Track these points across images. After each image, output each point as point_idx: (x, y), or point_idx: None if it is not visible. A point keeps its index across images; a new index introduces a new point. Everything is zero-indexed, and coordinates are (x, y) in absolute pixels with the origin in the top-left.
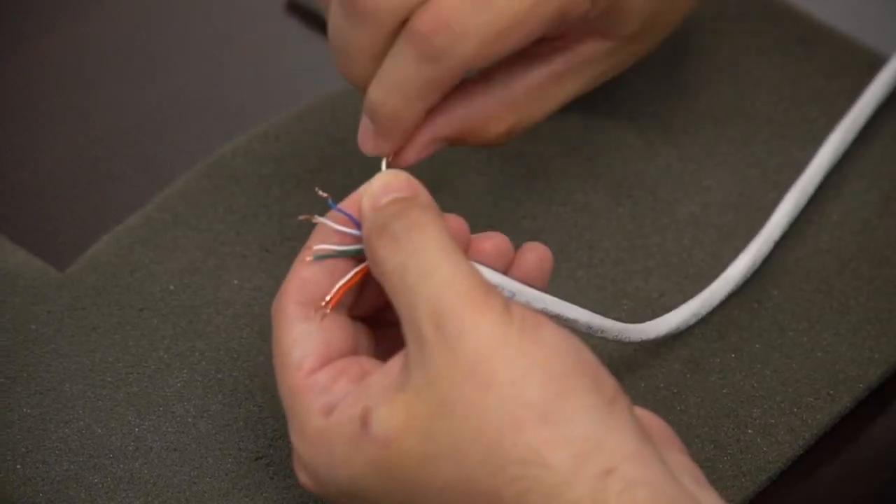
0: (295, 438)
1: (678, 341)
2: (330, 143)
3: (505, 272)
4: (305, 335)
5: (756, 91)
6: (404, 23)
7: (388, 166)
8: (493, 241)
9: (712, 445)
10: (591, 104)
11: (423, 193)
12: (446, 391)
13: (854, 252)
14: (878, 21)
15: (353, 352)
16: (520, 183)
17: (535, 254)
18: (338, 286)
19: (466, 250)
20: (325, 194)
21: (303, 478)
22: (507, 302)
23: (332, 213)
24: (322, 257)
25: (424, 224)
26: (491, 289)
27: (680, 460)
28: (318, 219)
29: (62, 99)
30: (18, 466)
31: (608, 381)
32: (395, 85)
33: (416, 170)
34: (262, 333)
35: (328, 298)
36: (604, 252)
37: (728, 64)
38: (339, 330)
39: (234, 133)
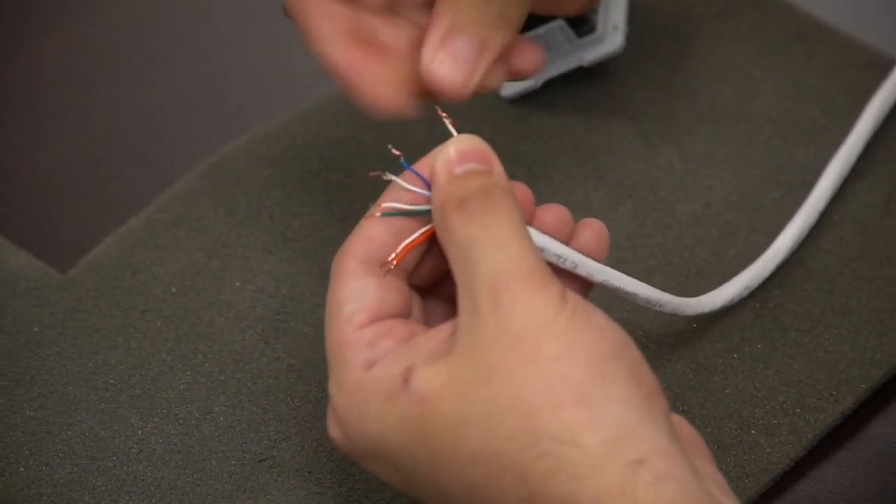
0: (333, 389)
1: (680, 342)
2: (331, 144)
3: (566, 242)
4: (360, 291)
5: (757, 90)
6: None
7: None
8: (554, 212)
9: (716, 446)
10: (591, 104)
11: (498, 167)
12: (489, 359)
13: (855, 252)
14: (879, 20)
15: (405, 315)
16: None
17: (593, 230)
18: (404, 244)
19: (531, 218)
20: (397, 152)
21: (334, 430)
22: (565, 290)
23: (405, 172)
24: (389, 214)
25: (501, 205)
26: (551, 275)
27: (707, 468)
28: (390, 176)
29: (62, 99)
30: (22, 469)
31: (649, 377)
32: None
33: None
34: (264, 335)
35: (393, 256)
36: None
37: (729, 63)
38: (395, 292)
39: (235, 133)
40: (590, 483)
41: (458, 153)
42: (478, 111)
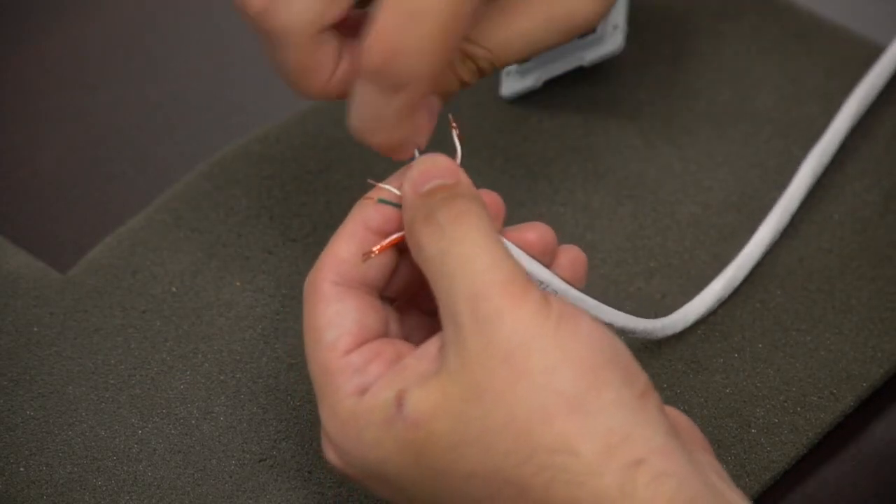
0: (325, 417)
1: (681, 342)
2: (331, 144)
3: (549, 265)
4: (341, 315)
5: (756, 90)
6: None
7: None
8: (539, 232)
9: (716, 445)
10: (591, 104)
11: (464, 179)
12: (479, 377)
13: (856, 251)
14: (879, 18)
15: (385, 334)
16: (521, 183)
17: (570, 257)
18: (387, 240)
19: (501, 223)
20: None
21: (331, 457)
22: (546, 294)
23: (377, 189)
24: (383, 200)
25: (469, 214)
26: (530, 280)
27: (706, 459)
28: (380, 184)
29: (62, 99)
30: (22, 469)
31: (640, 376)
32: (375, 121)
33: None
34: (264, 335)
35: (376, 249)
36: (605, 253)
37: (728, 63)
38: (372, 311)
39: (235, 134)
40: (589, 488)
41: (422, 173)
42: (478, 111)
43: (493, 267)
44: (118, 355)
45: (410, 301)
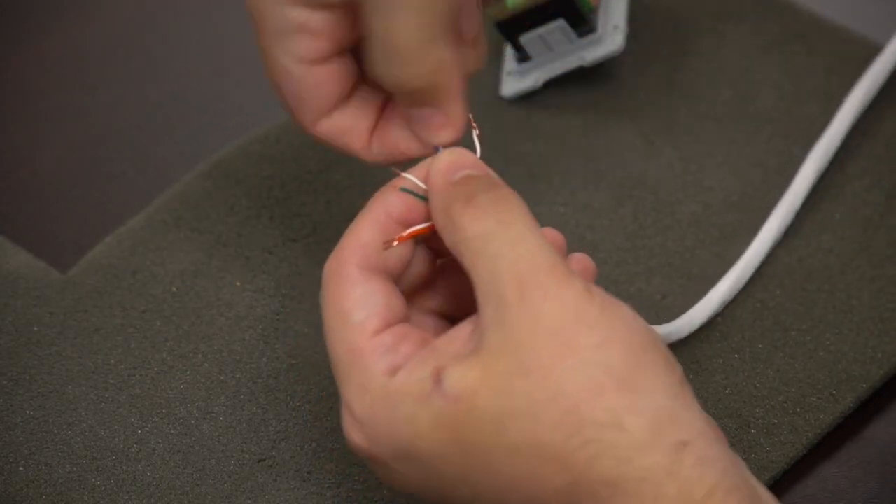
0: (352, 397)
1: (681, 342)
2: None
3: None
4: (368, 296)
5: (757, 90)
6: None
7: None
8: (551, 237)
9: None
10: (591, 104)
11: (492, 172)
12: (527, 353)
13: (856, 251)
14: (879, 17)
15: (407, 320)
16: (521, 183)
17: (579, 265)
18: (410, 230)
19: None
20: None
21: (356, 438)
22: (586, 282)
23: (399, 179)
24: (406, 190)
25: (511, 200)
26: (571, 269)
27: (732, 454)
28: (405, 174)
29: (62, 99)
30: (21, 468)
31: (678, 365)
32: (405, 51)
33: None
34: (264, 335)
35: (397, 238)
36: (606, 253)
37: (729, 63)
38: (395, 296)
39: (235, 134)
40: (635, 465)
41: (451, 162)
42: (478, 111)
43: (539, 250)
44: (118, 355)
45: (414, 299)
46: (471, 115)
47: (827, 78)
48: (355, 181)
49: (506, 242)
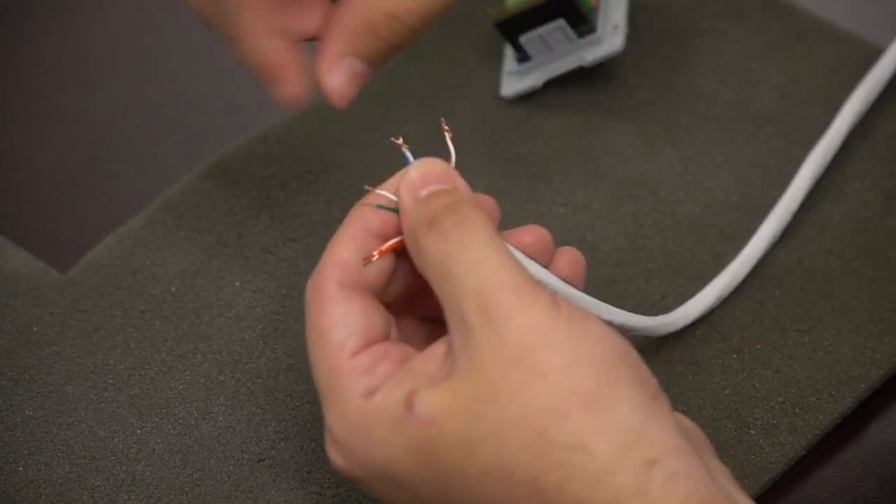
0: (332, 419)
1: (680, 342)
2: (331, 144)
3: (546, 266)
4: (347, 316)
5: (757, 90)
6: None
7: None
8: (536, 234)
9: (715, 446)
10: (591, 104)
11: (462, 184)
12: (491, 376)
13: (856, 252)
14: (879, 18)
15: (388, 337)
16: (521, 183)
17: (569, 259)
18: (387, 244)
19: (495, 227)
20: (400, 141)
21: (336, 458)
22: (554, 296)
23: (372, 194)
24: (380, 206)
25: (472, 218)
26: (536, 283)
27: (713, 462)
28: (377, 190)
29: (62, 99)
30: (20, 468)
31: (651, 378)
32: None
33: None
34: (264, 335)
35: (376, 252)
36: (605, 253)
37: (729, 63)
38: (376, 313)
39: (235, 133)
40: (605, 487)
41: (420, 176)
42: (478, 111)
43: (500, 269)
44: (117, 355)
45: (405, 306)
46: (443, 119)
47: (827, 79)
48: (355, 181)
49: (466, 264)
